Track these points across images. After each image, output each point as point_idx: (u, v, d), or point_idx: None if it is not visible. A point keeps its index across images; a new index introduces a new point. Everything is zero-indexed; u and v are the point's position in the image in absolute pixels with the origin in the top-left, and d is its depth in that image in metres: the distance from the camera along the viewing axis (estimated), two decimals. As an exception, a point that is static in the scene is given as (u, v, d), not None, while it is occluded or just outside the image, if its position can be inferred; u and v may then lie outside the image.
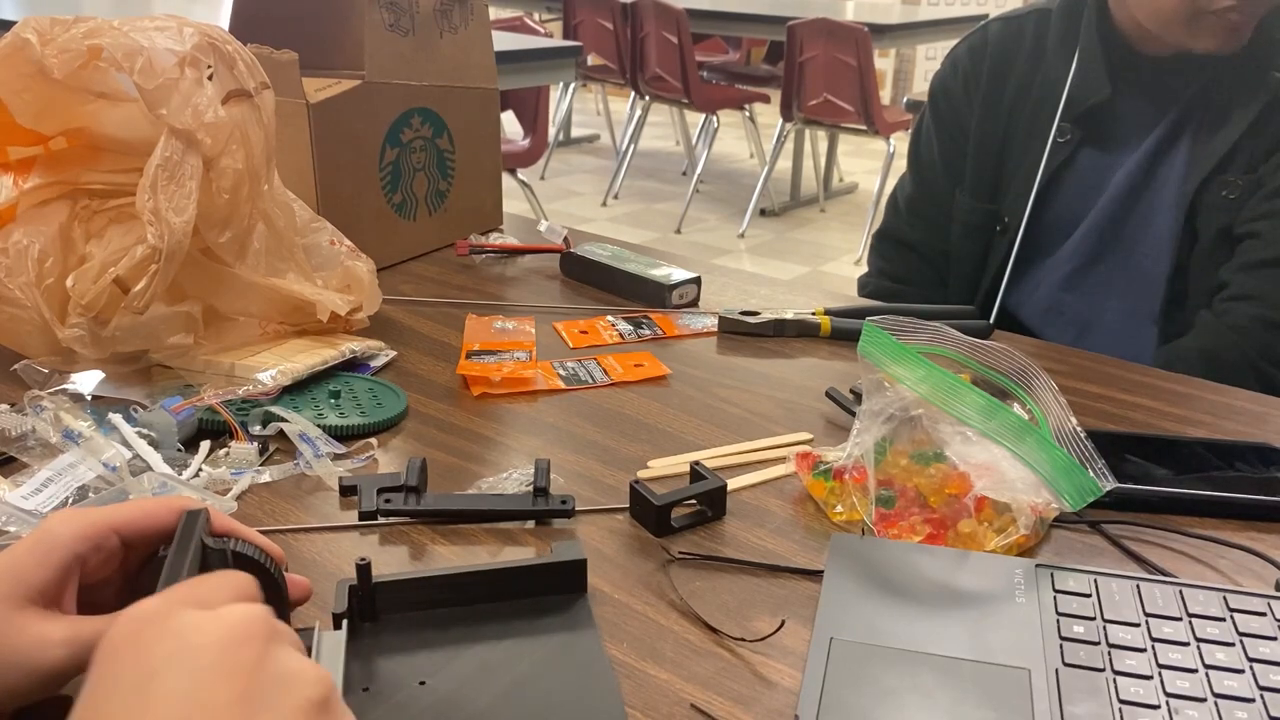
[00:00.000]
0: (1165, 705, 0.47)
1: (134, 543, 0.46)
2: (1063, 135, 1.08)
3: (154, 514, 0.46)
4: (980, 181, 1.15)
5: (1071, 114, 1.07)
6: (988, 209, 1.15)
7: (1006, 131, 1.13)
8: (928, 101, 1.21)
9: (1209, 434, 0.76)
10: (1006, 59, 1.13)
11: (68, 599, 0.44)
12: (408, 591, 0.53)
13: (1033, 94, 1.10)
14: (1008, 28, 1.14)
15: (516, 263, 1.10)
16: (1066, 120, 1.07)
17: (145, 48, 0.71)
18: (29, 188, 0.75)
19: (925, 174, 1.21)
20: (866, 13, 4.57)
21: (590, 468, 0.70)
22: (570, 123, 5.72)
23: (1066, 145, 1.08)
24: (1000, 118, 1.13)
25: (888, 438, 0.63)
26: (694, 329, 0.93)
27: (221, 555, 0.44)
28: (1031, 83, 1.11)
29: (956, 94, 1.16)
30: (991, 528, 0.60)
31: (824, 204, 4.71)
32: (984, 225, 1.15)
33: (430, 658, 0.50)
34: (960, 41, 1.18)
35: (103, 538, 0.44)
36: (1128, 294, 1.09)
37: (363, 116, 0.98)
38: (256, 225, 0.80)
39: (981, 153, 1.15)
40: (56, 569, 0.43)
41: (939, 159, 1.19)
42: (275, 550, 0.47)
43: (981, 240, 1.16)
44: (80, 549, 0.44)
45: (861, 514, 0.62)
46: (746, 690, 0.50)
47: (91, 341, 0.73)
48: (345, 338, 0.84)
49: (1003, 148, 1.13)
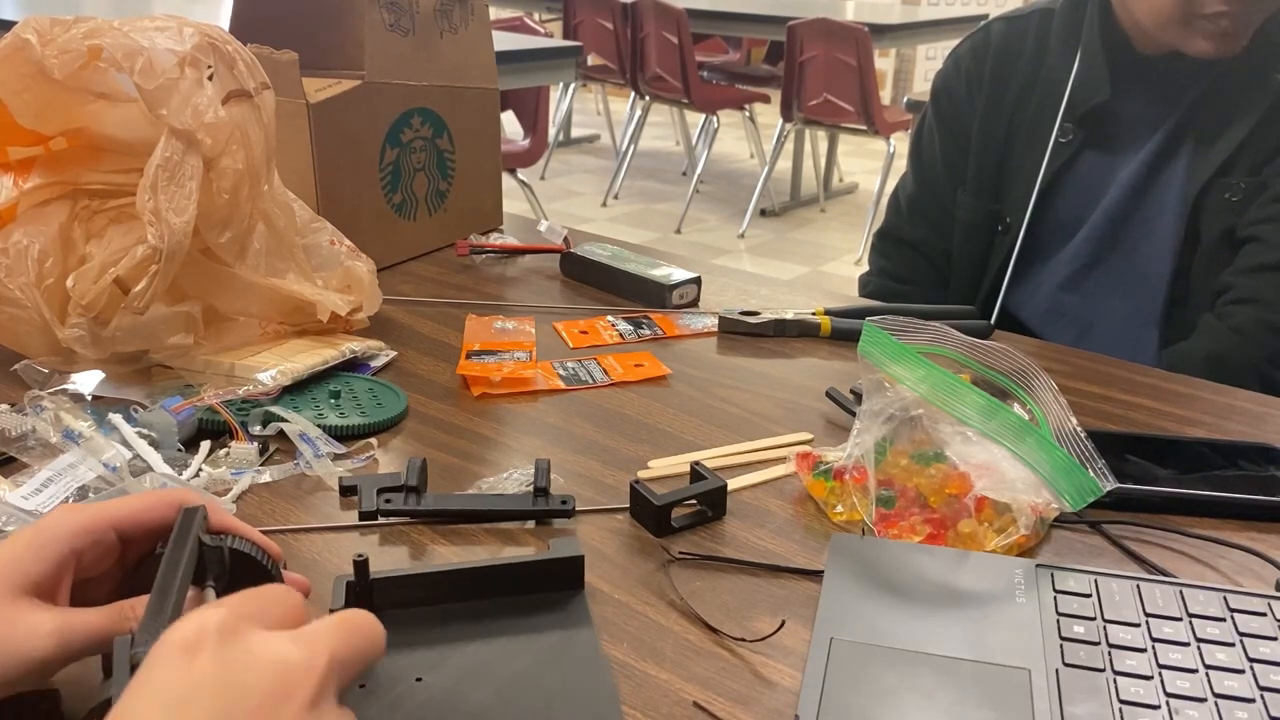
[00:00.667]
0: (1165, 705, 0.47)
1: (132, 538, 0.46)
2: (1065, 136, 1.08)
3: (153, 509, 0.46)
4: (982, 181, 1.15)
5: (1074, 114, 1.07)
6: (989, 209, 1.15)
7: (1009, 132, 1.13)
8: (930, 101, 1.20)
9: (1209, 434, 0.76)
10: (1009, 59, 1.12)
11: (62, 592, 0.44)
12: (405, 588, 0.53)
13: (1035, 94, 1.10)
14: (1010, 27, 1.14)
15: (516, 263, 1.10)
16: (1069, 120, 1.07)
17: (145, 48, 0.71)
18: (29, 188, 0.74)
19: (927, 173, 1.20)
20: (866, 13, 4.57)
21: (590, 468, 0.70)
22: (570, 123, 5.72)
23: (1068, 146, 1.08)
24: (1003, 117, 1.13)
25: (888, 438, 0.63)
26: (694, 329, 0.93)
27: (219, 553, 0.44)
28: (1034, 82, 1.10)
29: (959, 93, 1.16)
30: (992, 528, 0.60)
31: (824, 204, 4.71)
32: (985, 225, 1.15)
33: (427, 654, 0.50)
34: (963, 40, 1.18)
35: (100, 533, 0.44)
36: (1129, 296, 1.09)
37: (363, 116, 0.98)
38: (256, 225, 0.80)
39: (983, 153, 1.14)
40: (52, 562, 0.43)
41: (940, 158, 1.18)
42: (273, 548, 0.47)
43: (983, 240, 1.16)
44: (77, 543, 0.44)
45: (862, 514, 0.62)
46: (746, 690, 0.50)
47: (91, 341, 0.73)
48: (345, 338, 0.84)
49: (1005, 148, 1.13)
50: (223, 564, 0.44)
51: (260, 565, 0.45)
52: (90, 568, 0.45)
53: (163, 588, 0.40)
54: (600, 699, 0.48)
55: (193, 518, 0.44)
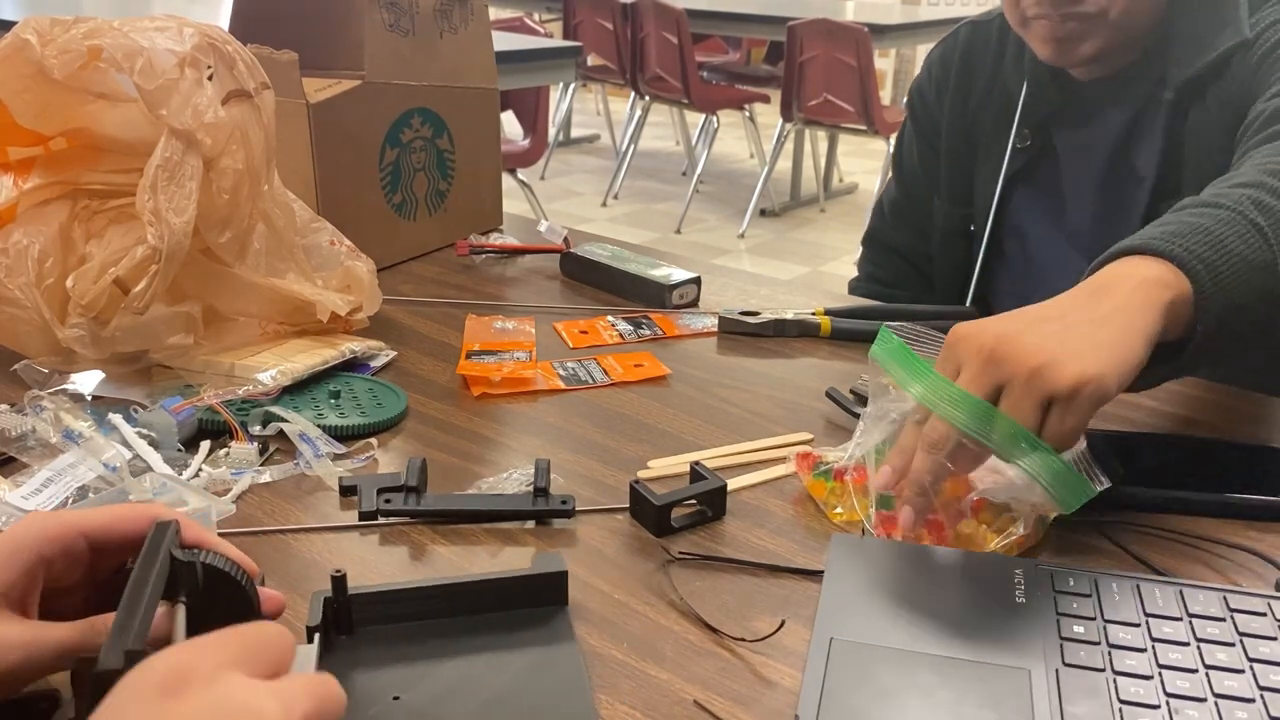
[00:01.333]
0: (1165, 705, 0.47)
1: (103, 548, 0.45)
2: (1022, 140, 1.06)
3: (125, 520, 0.45)
4: (954, 185, 1.15)
5: (1028, 120, 1.06)
6: (962, 213, 1.14)
7: (974, 136, 1.12)
8: (906, 106, 1.21)
9: (1210, 434, 0.76)
10: (973, 63, 1.12)
11: (31, 601, 0.43)
12: (384, 604, 0.51)
13: (994, 98, 1.10)
14: (976, 31, 1.13)
15: (516, 263, 1.10)
16: (1025, 125, 1.06)
17: (145, 48, 0.71)
18: (29, 188, 0.74)
19: (907, 179, 1.21)
20: (866, 13, 4.57)
21: (590, 468, 0.70)
22: (570, 123, 5.72)
23: (1025, 151, 1.06)
24: (968, 121, 1.12)
25: (889, 440, 0.63)
26: (694, 329, 0.93)
27: (191, 568, 0.42)
28: (994, 87, 1.10)
29: (930, 99, 1.16)
30: (991, 528, 0.60)
31: (824, 204, 4.71)
32: (959, 230, 1.15)
33: (406, 672, 0.49)
34: (935, 45, 1.18)
35: (70, 541, 0.43)
36: None
37: (363, 116, 0.98)
38: (256, 225, 0.80)
39: (952, 157, 1.14)
40: (20, 571, 0.42)
41: (919, 164, 1.18)
42: (250, 565, 0.45)
43: (958, 244, 1.15)
44: (46, 551, 0.43)
45: (861, 515, 0.62)
46: (746, 690, 0.50)
47: (91, 341, 0.73)
48: (345, 338, 0.84)
49: (972, 152, 1.13)
50: (196, 579, 0.42)
51: (235, 581, 0.44)
52: (60, 577, 0.44)
53: (130, 604, 0.38)
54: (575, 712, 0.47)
55: (164, 532, 0.43)
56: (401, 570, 0.58)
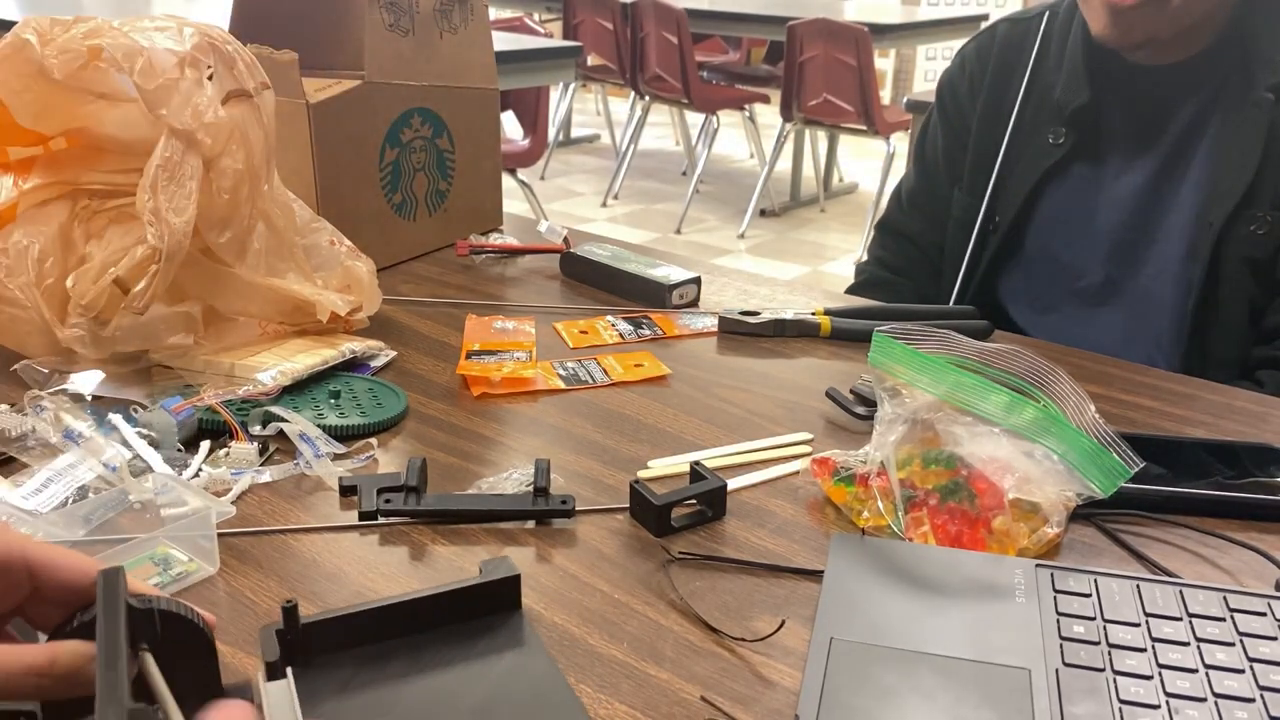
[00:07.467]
0: (1165, 705, 0.47)
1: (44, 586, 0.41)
2: (1056, 138, 1.08)
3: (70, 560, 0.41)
4: (977, 179, 1.15)
5: (1061, 117, 1.07)
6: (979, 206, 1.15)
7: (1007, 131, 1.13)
8: (935, 98, 1.22)
9: (1209, 434, 0.76)
10: (1011, 60, 1.13)
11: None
12: (338, 630, 0.50)
13: (1033, 94, 1.11)
14: (1014, 29, 1.15)
15: (516, 263, 1.10)
16: (1060, 124, 1.07)
17: (145, 48, 0.71)
18: (29, 188, 0.75)
19: (928, 169, 1.22)
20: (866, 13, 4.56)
21: (590, 468, 0.70)
22: (570, 123, 5.72)
23: (1059, 148, 1.07)
24: (1003, 119, 1.13)
25: (907, 441, 0.63)
26: (694, 329, 0.93)
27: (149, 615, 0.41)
28: (1033, 83, 1.11)
29: (961, 93, 1.17)
30: (1022, 527, 0.60)
31: (824, 204, 4.71)
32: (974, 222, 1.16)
33: (380, 696, 0.47)
34: (970, 40, 1.20)
35: (11, 560, 0.41)
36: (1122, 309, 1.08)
37: (363, 116, 0.98)
38: (256, 225, 0.80)
39: (980, 152, 1.15)
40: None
41: (942, 155, 1.20)
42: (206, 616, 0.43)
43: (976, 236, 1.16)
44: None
45: (888, 519, 0.62)
46: (746, 690, 0.50)
47: (91, 341, 0.73)
48: (345, 338, 0.84)
49: (1003, 148, 1.13)
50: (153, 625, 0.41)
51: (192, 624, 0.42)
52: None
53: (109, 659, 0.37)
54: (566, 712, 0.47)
55: (116, 578, 0.40)
56: (402, 570, 0.58)
